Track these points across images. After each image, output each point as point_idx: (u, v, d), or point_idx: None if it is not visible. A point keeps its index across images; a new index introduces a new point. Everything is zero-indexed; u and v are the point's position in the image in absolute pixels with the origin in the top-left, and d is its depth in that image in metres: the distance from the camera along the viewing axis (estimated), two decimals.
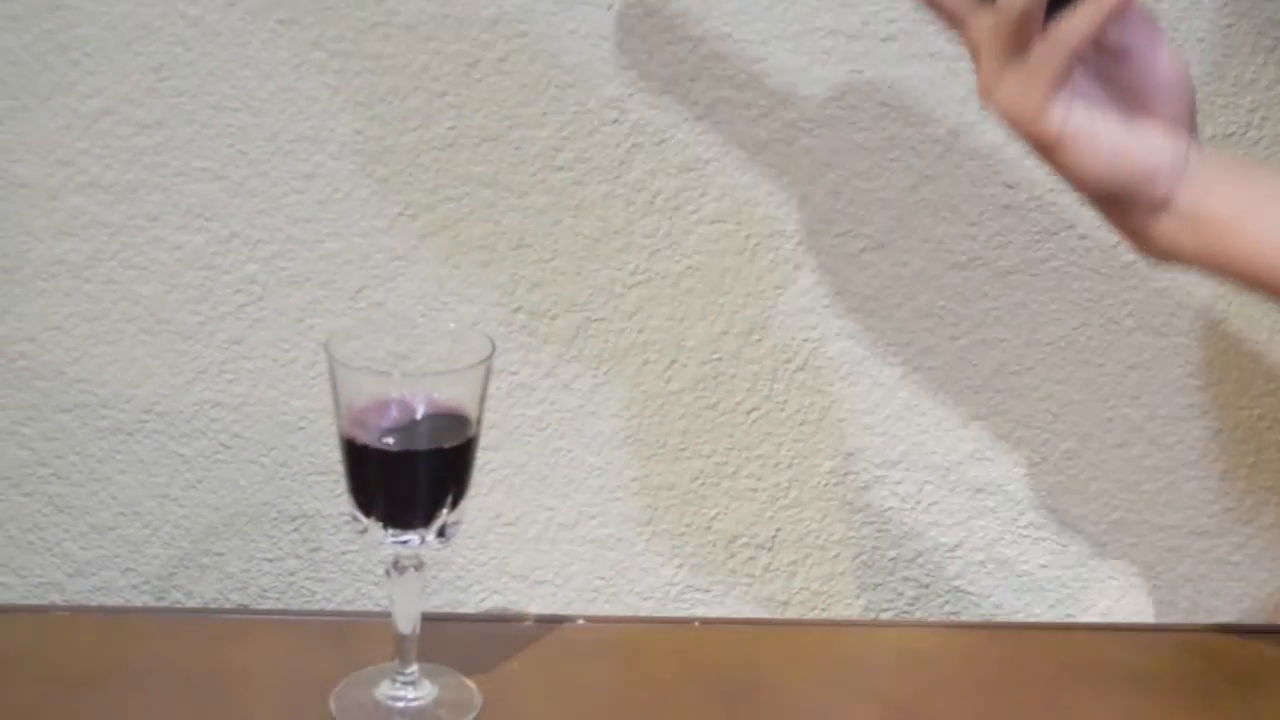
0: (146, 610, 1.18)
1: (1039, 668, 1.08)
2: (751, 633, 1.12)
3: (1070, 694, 1.05)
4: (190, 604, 1.20)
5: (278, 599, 1.20)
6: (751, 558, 1.21)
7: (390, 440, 0.92)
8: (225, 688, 1.00)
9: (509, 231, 1.13)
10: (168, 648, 1.05)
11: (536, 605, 1.20)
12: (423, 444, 0.93)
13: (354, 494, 0.94)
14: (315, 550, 1.19)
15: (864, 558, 1.22)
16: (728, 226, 1.14)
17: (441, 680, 1.00)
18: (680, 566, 1.21)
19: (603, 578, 1.21)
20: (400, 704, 0.98)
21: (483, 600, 1.21)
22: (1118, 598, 1.24)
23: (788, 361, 1.17)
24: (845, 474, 1.20)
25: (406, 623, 0.97)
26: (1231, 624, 1.24)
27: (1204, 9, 1.12)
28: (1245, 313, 1.18)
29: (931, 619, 1.23)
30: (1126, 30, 0.83)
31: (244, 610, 1.19)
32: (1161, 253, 0.87)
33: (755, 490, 1.20)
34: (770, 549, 1.21)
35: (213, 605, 1.20)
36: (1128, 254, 1.15)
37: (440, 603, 1.19)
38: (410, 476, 0.93)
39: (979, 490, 1.21)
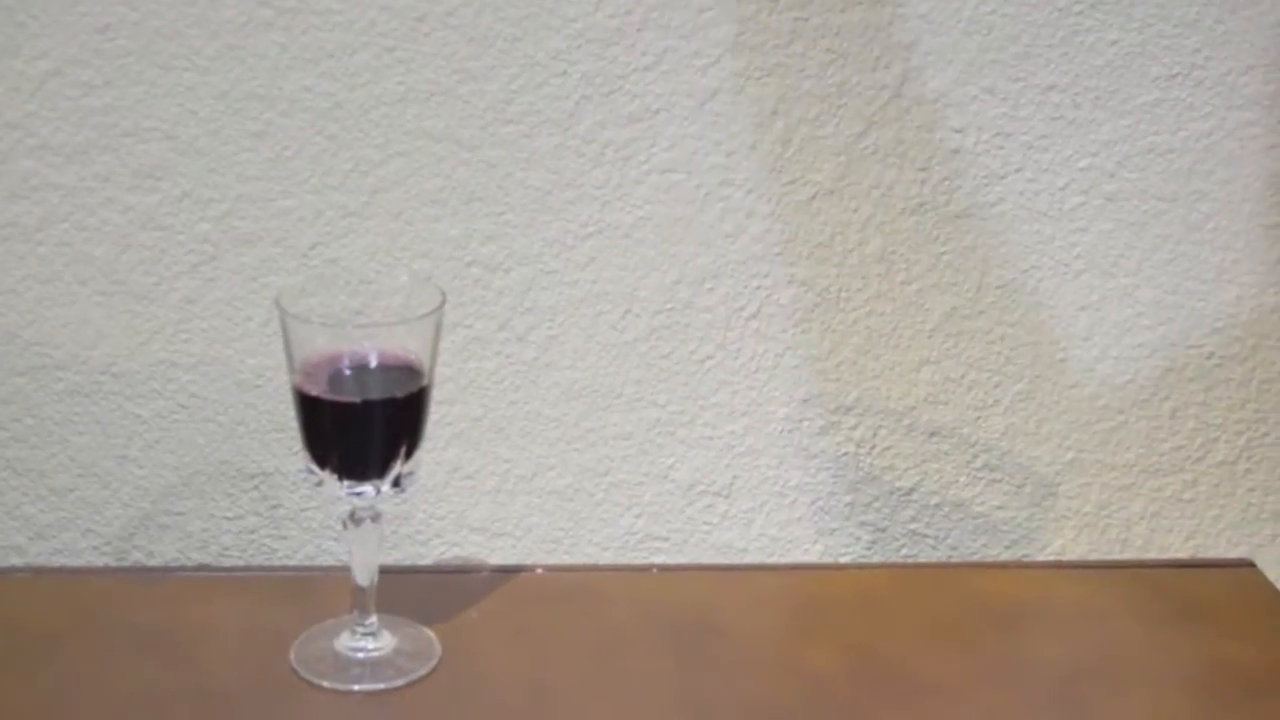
0: (108, 571, 1.18)
1: (996, 608, 1.09)
2: (709, 578, 1.13)
3: (1027, 633, 1.06)
4: (151, 564, 1.20)
5: (238, 556, 1.21)
6: (709, 505, 1.22)
7: (342, 392, 0.93)
8: (187, 645, 1.01)
9: (460, 186, 1.14)
10: (129, 608, 1.05)
11: (497, 557, 1.20)
12: (375, 394, 0.93)
13: (309, 447, 0.94)
14: (275, 507, 1.20)
15: (820, 503, 1.23)
16: (678, 176, 1.14)
17: (401, 631, 1.00)
18: (639, 516, 1.22)
19: (562, 528, 1.21)
20: (360, 654, 0.99)
21: (443, 554, 1.21)
22: (1072, 536, 1.25)
23: (740, 309, 1.18)
24: (800, 420, 1.21)
25: (365, 574, 0.98)
26: (1184, 559, 1.25)
27: None
28: (1193, 253, 1.19)
29: (889, 562, 1.24)
30: None
31: (204, 568, 1.19)
32: None
33: (711, 438, 1.21)
34: (727, 496, 1.22)
35: (174, 564, 1.20)
36: (1075, 196, 1.17)
37: (401, 556, 1.20)
38: (363, 427, 0.94)
39: (933, 434, 1.22)
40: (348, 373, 0.93)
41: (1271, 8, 1.15)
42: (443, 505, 1.20)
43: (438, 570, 1.17)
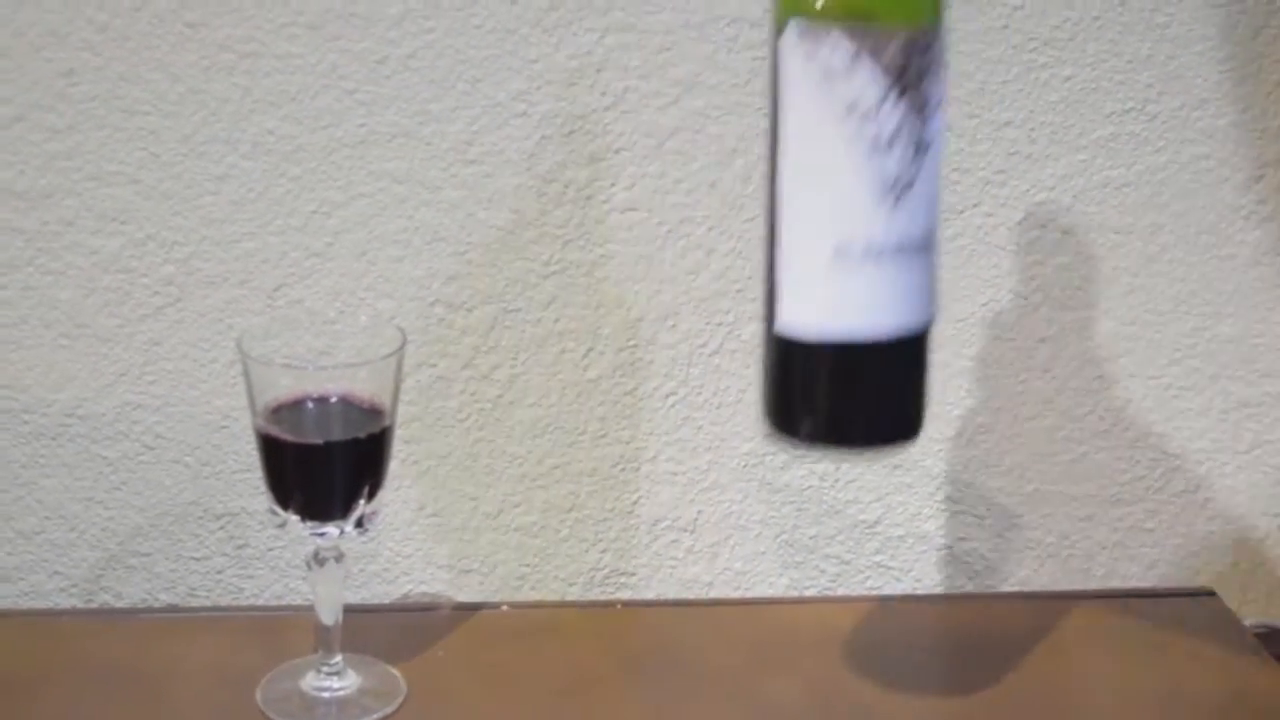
0: (75, 612, 1.19)
1: (960, 639, 1.10)
2: (675, 613, 1.14)
3: (991, 663, 1.06)
4: (119, 605, 1.21)
5: (206, 596, 1.21)
6: (674, 540, 1.23)
7: (305, 433, 0.93)
8: (154, 685, 1.01)
9: (423, 226, 1.15)
10: (97, 648, 1.05)
11: (462, 595, 1.21)
12: (336, 435, 0.94)
13: (271, 488, 0.95)
14: (242, 547, 1.20)
15: (785, 537, 1.24)
16: (639, 214, 1.15)
17: (366, 670, 1.01)
18: (604, 552, 1.23)
19: (527, 565, 1.22)
20: (326, 694, 0.99)
21: (409, 592, 1.22)
22: (1035, 567, 1.26)
23: (703, 346, 1.19)
24: (764, 455, 1.22)
25: (329, 614, 0.98)
26: (1146, 589, 1.26)
27: None
28: (1150, 285, 1.21)
29: (854, 594, 1.25)
30: None
31: (173, 609, 1.20)
32: None
33: (675, 474, 1.21)
34: (692, 531, 1.23)
35: (142, 605, 1.21)
36: (1033, 230, 1.18)
37: (368, 595, 1.21)
38: (326, 468, 0.94)
39: (896, 466, 1.23)
40: (310, 414, 0.94)
41: (1221, 44, 1.16)
42: (409, 543, 1.21)
43: (403, 608, 1.18)
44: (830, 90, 0.81)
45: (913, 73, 0.81)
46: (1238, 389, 1.24)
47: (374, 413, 0.94)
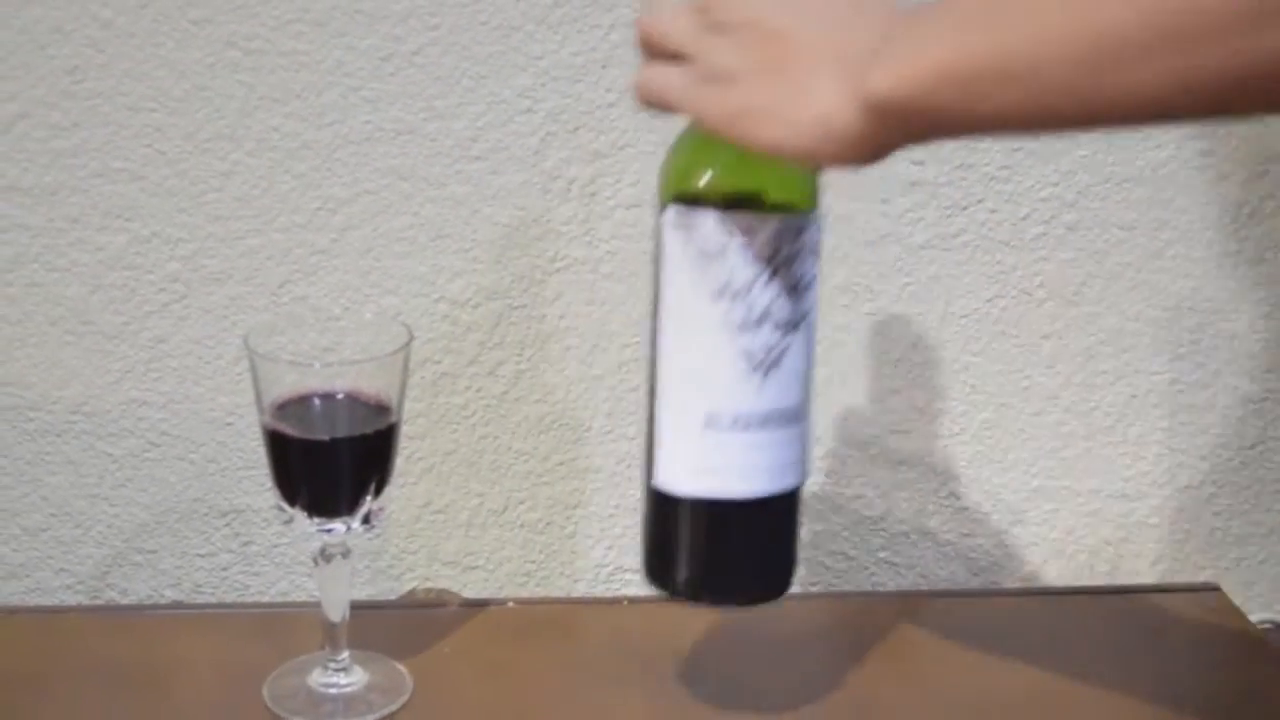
0: (81, 609, 1.19)
1: (965, 635, 1.10)
2: (680, 610, 1.13)
3: (997, 659, 1.06)
4: (125, 602, 1.21)
5: (211, 593, 1.21)
6: None
7: (311, 430, 0.94)
8: (161, 682, 1.01)
9: (428, 223, 1.15)
10: (103, 645, 1.05)
11: (468, 591, 1.21)
12: (343, 432, 0.94)
13: (278, 484, 0.95)
14: (247, 544, 1.20)
15: None
16: (643, 211, 1.15)
17: (372, 666, 1.01)
18: (609, 548, 1.23)
19: (533, 561, 1.22)
20: (333, 690, 0.99)
21: (415, 588, 1.22)
22: (1039, 563, 1.26)
23: None
24: None
25: (336, 610, 0.98)
26: (1150, 584, 1.26)
27: None
28: (1154, 280, 1.21)
29: (859, 590, 1.25)
30: None
31: (178, 606, 1.20)
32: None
33: None
34: None
35: (147, 602, 1.21)
36: (1037, 226, 1.18)
37: (374, 591, 1.21)
38: (332, 465, 0.94)
39: (900, 463, 1.23)
40: (317, 411, 0.94)
41: None
42: (415, 540, 1.21)
43: (409, 605, 1.18)
44: (704, 270, 0.84)
45: (784, 256, 0.85)
46: (1241, 385, 1.24)
47: (381, 409, 0.94)
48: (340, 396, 0.94)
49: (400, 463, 1.00)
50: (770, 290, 0.86)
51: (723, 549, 0.92)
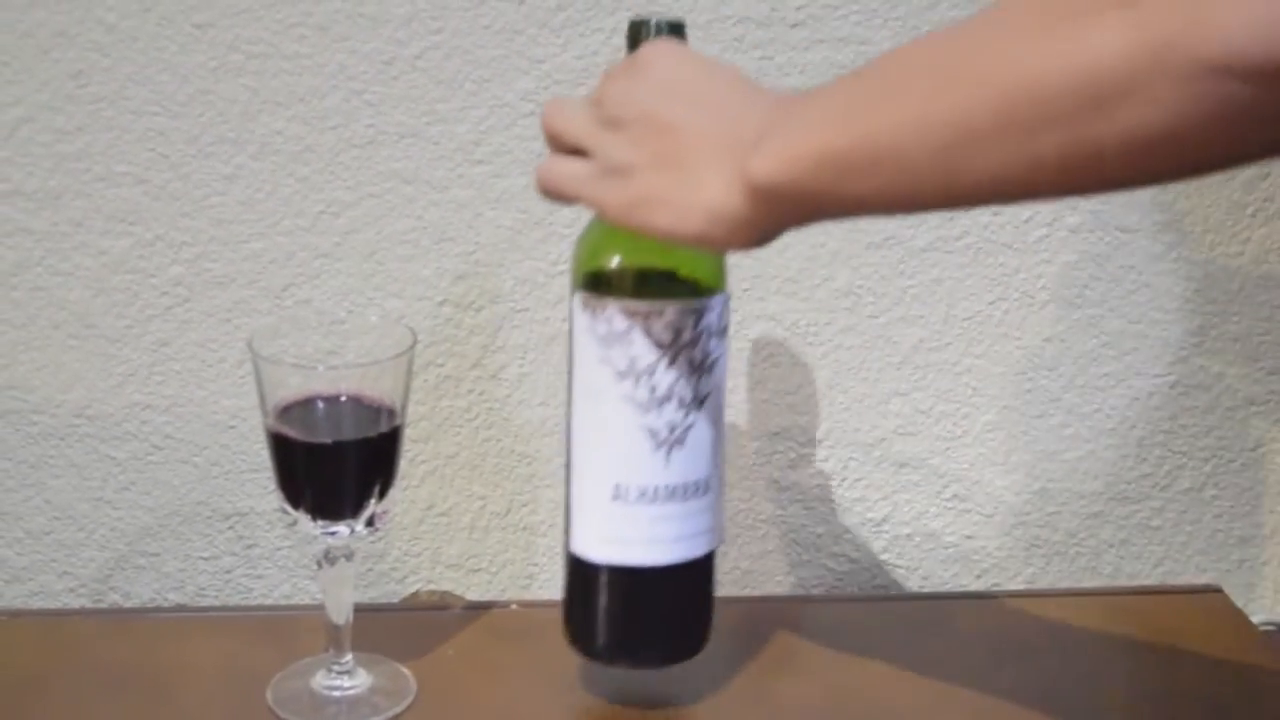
0: (84, 612, 1.19)
1: (968, 637, 1.10)
2: None
3: (999, 661, 1.07)
4: (128, 605, 1.21)
5: (215, 596, 1.21)
6: None
7: (316, 432, 0.94)
8: (164, 685, 1.01)
9: (431, 226, 1.15)
10: (106, 649, 1.06)
11: (471, 593, 1.21)
12: (347, 435, 0.94)
13: (282, 487, 0.95)
14: (250, 547, 1.21)
15: (792, 535, 1.24)
16: None
17: (376, 668, 1.01)
18: None
19: (536, 564, 1.22)
20: (336, 693, 0.99)
21: (417, 590, 1.22)
22: (1042, 565, 1.26)
23: None
24: (771, 453, 1.22)
25: (339, 613, 0.99)
26: (1153, 586, 1.26)
27: None
28: (1156, 283, 1.21)
29: (861, 593, 1.25)
30: None
31: (181, 609, 1.20)
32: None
33: None
34: None
35: (150, 605, 1.21)
36: (1039, 229, 1.18)
37: (377, 594, 1.21)
38: (336, 467, 0.95)
39: (903, 465, 1.23)
40: (320, 413, 0.94)
41: None
42: (418, 543, 1.21)
43: (412, 608, 1.18)
44: (609, 352, 0.90)
45: (686, 339, 0.90)
46: (1244, 387, 1.24)
47: (385, 412, 0.94)
48: (344, 399, 0.94)
49: (402, 465, 1.00)
50: (673, 371, 0.90)
51: (635, 615, 0.97)
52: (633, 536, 0.92)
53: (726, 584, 1.24)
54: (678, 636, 0.98)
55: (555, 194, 0.86)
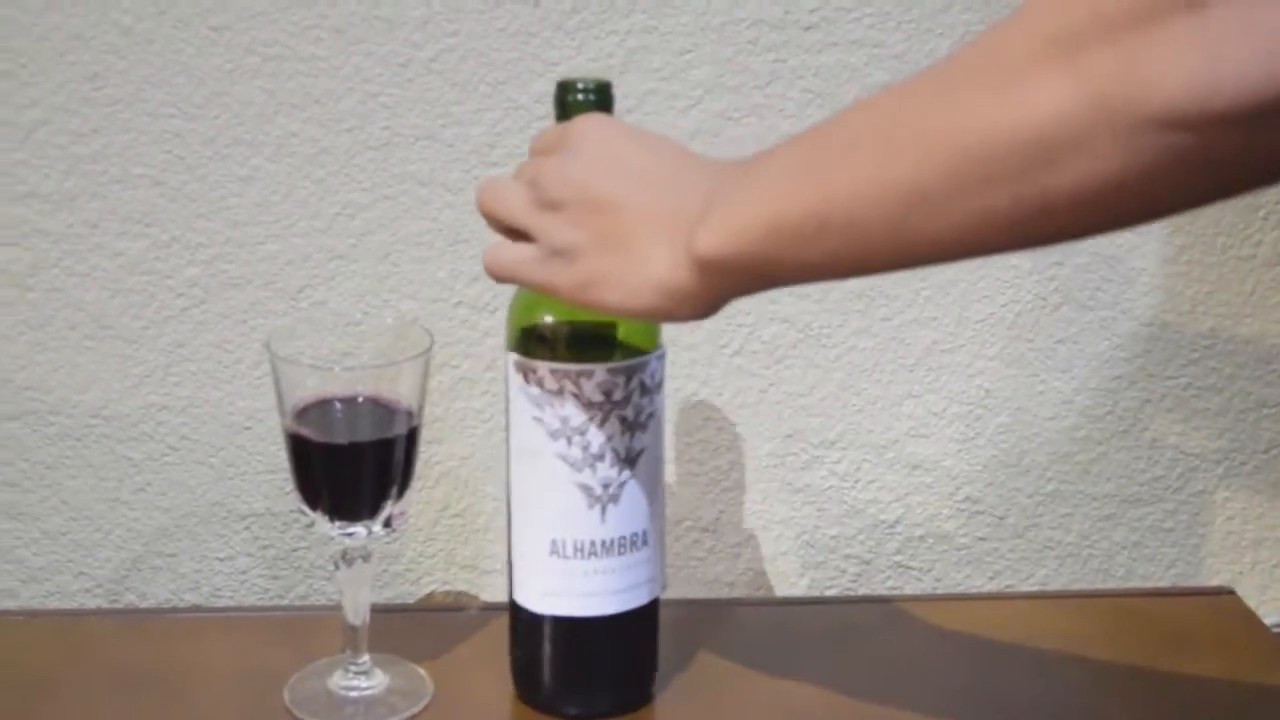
0: (100, 613, 1.19)
1: (981, 638, 1.10)
2: (697, 613, 1.14)
3: (1012, 663, 1.07)
4: (144, 605, 1.21)
5: (231, 597, 1.22)
6: (696, 540, 1.23)
7: (333, 433, 0.94)
8: (181, 686, 1.01)
9: (446, 228, 1.15)
10: (122, 649, 1.06)
11: (487, 594, 1.21)
12: (365, 436, 0.94)
13: (300, 488, 0.95)
14: (266, 548, 1.21)
15: (806, 537, 1.24)
16: None
17: (393, 669, 1.01)
18: None
19: None
20: (353, 694, 0.99)
21: (434, 591, 1.22)
22: (1055, 567, 1.27)
23: (724, 347, 1.19)
24: (785, 455, 1.22)
25: (356, 614, 0.99)
26: (1165, 588, 1.26)
27: None
28: (1169, 285, 1.21)
29: (874, 594, 1.25)
30: None
31: (197, 609, 1.20)
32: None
33: (697, 475, 1.22)
34: (714, 531, 1.23)
35: (166, 606, 1.21)
36: None
37: (392, 595, 1.21)
38: (354, 469, 0.95)
39: (916, 467, 1.24)
40: (338, 415, 0.94)
41: None
42: (432, 544, 1.21)
43: (429, 608, 1.18)
44: (541, 412, 0.91)
45: (617, 399, 0.91)
46: (1256, 389, 1.24)
47: (402, 413, 0.95)
48: (361, 401, 0.94)
49: (418, 467, 1.00)
50: (605, 430, 0.91)
51: (576, 665, 0.97)
52: (570, 590, 0.94)
53: (740, 585, 1.24)
54: (621, 685, 0.99)
55: (505, 279, 0.87)
